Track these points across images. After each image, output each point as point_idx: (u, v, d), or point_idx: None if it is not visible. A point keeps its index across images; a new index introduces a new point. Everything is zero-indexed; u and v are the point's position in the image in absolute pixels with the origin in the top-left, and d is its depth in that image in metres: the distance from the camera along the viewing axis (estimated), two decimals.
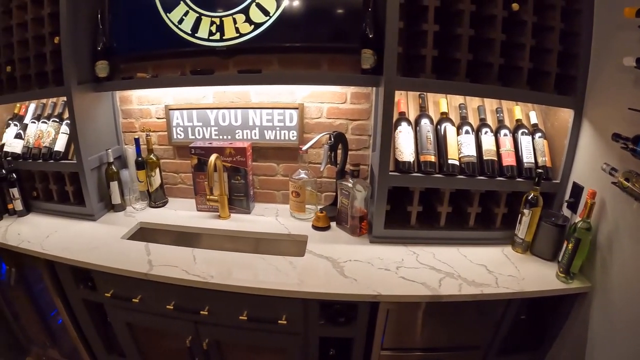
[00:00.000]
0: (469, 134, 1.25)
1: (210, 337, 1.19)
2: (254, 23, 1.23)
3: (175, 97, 1.52)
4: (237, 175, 1.39)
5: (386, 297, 1.04)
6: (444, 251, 1.22)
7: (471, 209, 1.25)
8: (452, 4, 1.14)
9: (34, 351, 1.72)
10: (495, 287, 1.08)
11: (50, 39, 1.35)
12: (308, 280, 1.07)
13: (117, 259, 1.18)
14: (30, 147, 1.47)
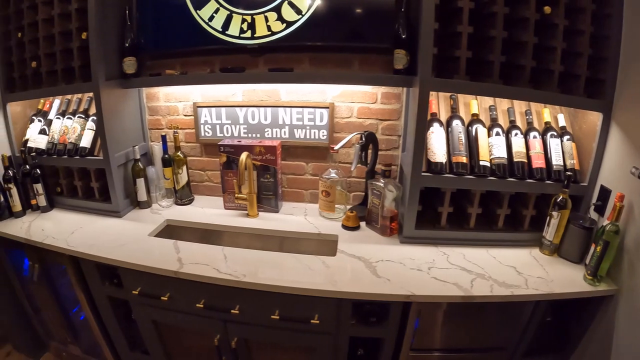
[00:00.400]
0: (499, 136, 1.23)
1: (239, 336, 1.17)
2: (285, 21, 1.21)
3: (203, 95, 1.49)
4: (267, 173, 1.37)
5: (420, 298, 1.03)
6: (473, 252, 1.21)
7: (500, 210, 1.23)
8: (485, 6, 1.14)
9: (54, 346, 1.70)
10: (525, 288, 1.07)
11: (77, 35, 1.32)
12: (342, 280, 1.05)
13: (145, 256, 1.16)
14: (55, 142, 1.45)
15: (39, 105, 1.58)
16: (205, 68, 1.37)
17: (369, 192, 1.24)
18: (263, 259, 1.14)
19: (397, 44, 1.19)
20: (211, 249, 1.18)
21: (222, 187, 1.44)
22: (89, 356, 1.58)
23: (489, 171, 1.20)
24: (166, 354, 1.34)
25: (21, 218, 1.48)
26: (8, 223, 1.46)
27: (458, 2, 1.11)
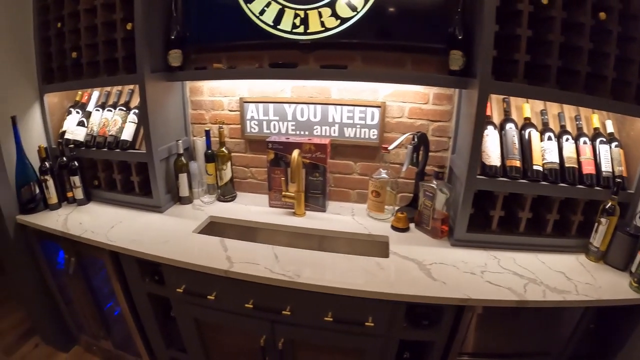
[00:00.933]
0: (551, 140, 1.20)
1: (287, 337, 1.13)
2: (340, 18, 1.16)
3: (250, 90, 1.44)
4: (316, 172, 1.32)
5: (476, 302, 0.99)
6: (523, 257, 1.17)
7: (550, 215, 1.20)
8: (544, 10, 1.10)
9: (84, 340, 1.65)
10: (575, 294, 1.03)
11: (122, 25, 1.27)
12: (398, 282, 1.01)
13: (192, 254, 1.12)
14: (94, 135, 1.40)
15: (77, 97, 1.53)
16: (253, 63, 1.31)
17: (420, 193, 1.21)
18: (315, 259, 1.10)
19: (453, 44, 1.15)
20: (260, 248, 1.14)
21: (269, 184, 1.40)
22: (120, 351, 1.54)
23: (541, 176, 1.18)
24: (205, 353, 1.30)
25: (57, 210, 1.44)
26: (43, 215, 1.42)
27: (518, 5, 1.08)
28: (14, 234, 1.45)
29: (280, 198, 1.37)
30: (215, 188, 1.48)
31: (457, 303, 1.00)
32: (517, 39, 1.09)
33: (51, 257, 1.49)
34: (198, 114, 1.54)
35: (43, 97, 1.48)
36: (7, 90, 1.39)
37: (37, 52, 1.47)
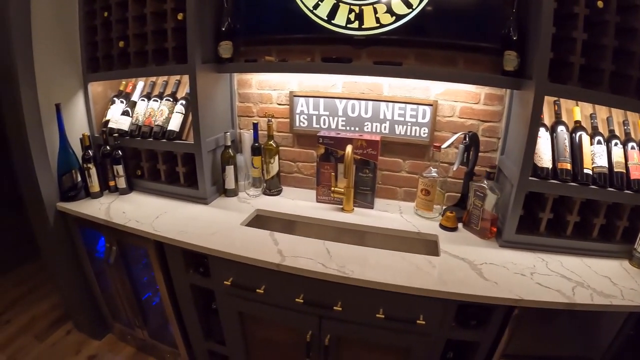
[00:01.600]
0: (601, 145, 1.17)
1: (334, 334, 1.10)
2: (395, 14, 1.13)
3: (300, 84, 1.42)
4: (366, 168, 1.30)
5: (527, 302, 0.97)
6: (569, 260, 1.15)
7: (597, 220, 1.17)
8: (599, 13, 1.08)
9: (118, 328, 1.64)
10: (621, 299, 1.01)
11: (172, 15, 1.25)
12: (451, 281, 0.98)
13: (242, 246, 1.09)
14: (139, 125, 1.38)
15: (121, 86, 1.51)
16: (304, 57, 1.29)
17: (470, 193, 1.18)
18: (367, 255, 1.08)
19: (507, 45, 1.12)
20: (312, 242, 1.12)
21: (317, 179, 1.37)
22: (155, 341, 1.52)
23: (591, 180, 1.15)
24: (245, 347, 1.28)
25: (98, 199, 1.42)
26: (85, 203, 1.40)
27: (574, 8, 1.06)
28: (54, 221, 1.43)
29: (329, 193, 1.35)
30: (261, 181, 1.46)
31: (510, 304, 0.98)
32: (573, 42, 1.07)
33: (90, 245, 1.48)
34: (245, 107, 1.51)
35: (87, 86, 1.46)
36: (51, 78, 1.37)
37: (82, 41, 1.44)
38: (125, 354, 1.64)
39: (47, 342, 1.72)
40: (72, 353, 1.65)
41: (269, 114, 1.44)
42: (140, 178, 1.47)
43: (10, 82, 1.28)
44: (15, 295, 2.06)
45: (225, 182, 1.40)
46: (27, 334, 1.78)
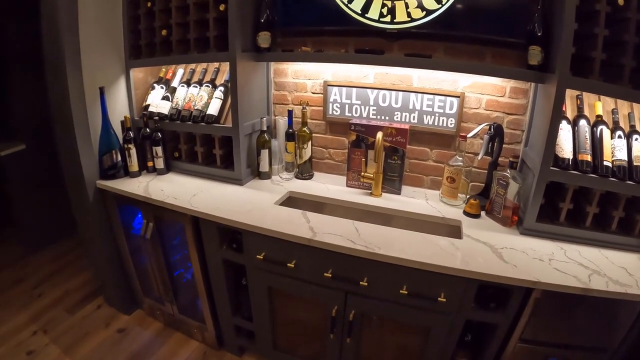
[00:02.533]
0: (621, 139, 1.26)
1: (358, 309, 1.24)
2: (425, 9, 1.26)
3: (334, 74, 1.56)
4: (395, 155, 1.43)
5: (544, 285, 1.07)
6: (587, 250, 1.25)
7: (616, 212, 1.27)
8: (620, 11, 1.17)
9: (147, 304, 1.82)
10: (637, 288, 1.11)
11: (215, 6, 1.41)
12: (472, 261, 1.10)
13: (275, 223, 1.24)
14: (179, 109, 1.55)
15: (161, 73, 1.69)
16: (338, 48, 1.44)
17: (493, 182, 1.30)
18: (393, 235, 1.21)
19: (532, 40, 1.23)
20: (341, 222, 1.25)
21: (348, 164, 1.52)
22: (183, 316, 1.69)
23: (610, 172, 1.25)
24: (271, 322, 1.43)
25: (137, 178, 1.60)
26: (124, 181, 1.57)
27: (596, 5, 1.16)
28: (93, 198, 1.61)
29: (359, 178, 1.49)
30: (293, 166, 1.61)
31: (528, 285, 1.09)
32: (595, 38, 1.17)
33: (127, 222, 1.65)
34: (281, 95, 1.68)
35: (129, 72, 1.64)
36: (96, 64, 1.55)
37: (126, 29, 1.62)
38: (153, 328, 1.81)
39: (78, 315, 1.91)
40: (101, 326, 1.83)
41: (303, 101, 1.58)
42: (177, 160, 1.65)
43: (58, 66, 1.46)
44: (50, 270, 2.29)
45: (260, 165, 1.56)
46: (58, 307, 1.97)
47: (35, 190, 2.42)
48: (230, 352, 1.68)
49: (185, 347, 1.71)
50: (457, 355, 1.30)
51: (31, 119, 2.34)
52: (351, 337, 1.29)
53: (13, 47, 2.19)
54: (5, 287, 2.13)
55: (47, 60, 1.54)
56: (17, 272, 2.27)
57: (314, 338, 1.43)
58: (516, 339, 1.25)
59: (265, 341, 1.51)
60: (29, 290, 2.11)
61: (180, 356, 1.67)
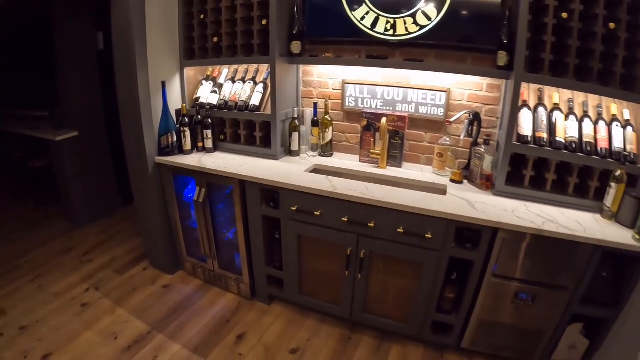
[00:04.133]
0: (573, 121, 1.97)
1: (367, 249, 1.96)
2: (419, 25, 2.02)
3: (350, 75, 2.38)
4: (397, 136, 2.21)
5: (505, 225, 1.75)
6: (547, 208, 1.92)
7: (571, 179, 1.95)
8: (565, 21, 1.90)
9: (189, 264, 2.59)
10: (583, 233, 1.75)
11: (258, 21, 2.20)
12: (452, 208, 1.81)
13: (306, 183, 1.99)
14: (226, 100, 2.35)
15: (208, 72, 2.51)
16: (353, 54, 2.24)
17: (472, 156, 2.03)
18: (393, 191, 1.94)
19: (500, 46, 1.97)
20: (355, 183, 2.01)
21: (360, 144, 2.32)
22: (223, 270, 2.45)
23: (562, 146, 1.94)
24: (299, 269, 2.17)
25: (190, 155, 2.39)
26: (180, 157, 2.36)
27: (544, 19, 1.89)
28: (152, 171, 2.39)
29: (368, 155, 2.27)
30: (317, 147, 2.42)
31: (493, 226, 1.78)
32: (544, 43, 1.89)
33: (179, 192, 2.43)
34: (307, 91, 2.50)
35: (183, 70, 2.47)
36: (158, 63, 2.35)
37: (181, 36, 2.45)
38: (194, 285, 2.59)
39: (126, 275, 2.70)
40: (148, 283, 2.61)
41: (325, 96, 2.39)
42: (223, 141, 2.45)
43: (130, 65, 2.26)
44: (96, 241, 3.14)
45: (291, 145, 2.37)
46: (107, 269, 2.78)
47: (84, 171, 3.33)
48: (261, 302, 2.44)
49: (222, 299, 2.47)
50: (446, 291, 2.00)
51: (82, 111, 3.26)
52: (362, 273, 2.01)
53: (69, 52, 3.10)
54: (56, 254, 2.98)
55: (117, 61, 2.35)
56: (65, 242, 3.14)
57: (332, 284, 2.16)
58: (490, 275, 1.93)
59: (292, 287, 2.26)
60: (78, 257, 2.94)
61: (218, 305, 2.42)
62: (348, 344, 2.16)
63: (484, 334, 2.01)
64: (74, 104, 3.23)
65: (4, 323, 2.28)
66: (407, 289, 2.03)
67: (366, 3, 2.06)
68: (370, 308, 2.13)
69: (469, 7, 1.96)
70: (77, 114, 3.25)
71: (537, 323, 1.93)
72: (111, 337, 2.17)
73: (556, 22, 1.84)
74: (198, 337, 2.18)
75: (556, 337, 1.94)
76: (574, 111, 1.99)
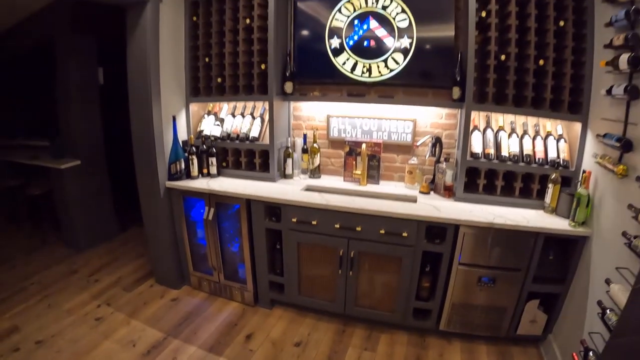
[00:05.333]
0: (515, 138, 2.83)
1: (356, 249, 2.69)
2: (389, 68, 2.87)
3: (334, 109, 3.21)
4: (374, 159, 3.01)
5: (464, 222, 2.53)
6: (499, 208, 2.73)
7: (516, 184, 2.78)
8: (504, 62, 2.79)
9: (195, 277, 3.23)
10: (527, 224, 2.54)
11: (258, 65, 2.99)
12: (422, 212, 2.59)
13: (303, 199, 2.73)
14: (229, 132, 3.11)
15: (209, 107, 3.28)
16: (336, 93, 3.07)
17: (436, 172, 2.85)
18: (374, 202, 2.72)
19: (454, 83, 2.83)
20: (342, 197, 2.78)
21: (344, 166, 3.12)
22: (228, 281, 3.10)
23: (507, 159, 2.78)
24: (298, 273, 2.87)
25: (197, 180, 3.09)
26: (188, 182, 3.07)
27: (487, 61, 2.77)
28: (163, 195, 3.07)
29: (352, 175, 3.07)
30: (307, 170, 3.20)
31: (455, 222, 2.55)
32: (488, 80, 2.77)
33: (187, 213, 3.11)
34: (297, 124, 3.32)
35: (189, 105, 3.23)
36: (167, 99, 3.09)
37: (187, 75, 3.22)
38: (200, 297, 3.24)
39: (134, 292, 3.32)
40: (157, 297, 3.24)
41: (313, 127, 3.20)
42: (225, 168, 3.19)
43: (146, 100, 2.98)
44: (100, 263, 3.79)
45: (286, 169, 3.15)
46: (116, 287, 3.39)
47: (85, 198, 3.99)
48: (263, 307, 3.12)
49: (228, 306, 3.13)
50: (422, 281, 2.73)
51: (84, 141, 3.96)
52: (352, 271, 2.73)
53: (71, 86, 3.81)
54: (61, 276, 3.58)
55: (132, 97, 3.06)
56: (69, 265, 3.75)
57: (327, 284, 2.87)
58: (457, 264, 2.69)
59: (292, 289, 2.95)
60: (84, 278, 3.54)
61: (225, 312, 3.07)
62: (343, 335, 2.85)
63: (457, 316, 2.75)
64: (75, 134, 3.93)
65: (19, 339, 2.79)
66: (390, 282, 2.76)
67: (347, 51, 2.92)
68: (360, 302, 2.85)
69: (428, 53, 2.84)
70: (78, 144, 3.94)
71: (500, 301, 2.68)
72: (130, 345, 2.76)
73: (497, 63, 2.70)
74: (211, 339, 2.81)
75: (518, 313, 2.69)
76: (516, 130, 2.85)
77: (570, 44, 2.54)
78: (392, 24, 2.82)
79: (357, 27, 2.89)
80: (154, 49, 2.89)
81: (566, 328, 2.54)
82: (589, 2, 2.44)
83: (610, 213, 2.22)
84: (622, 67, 2.03)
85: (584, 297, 2.35)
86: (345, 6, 2.89)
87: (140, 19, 2.84)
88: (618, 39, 2.08)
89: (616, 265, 1.96)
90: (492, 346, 2.80)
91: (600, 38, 2.38)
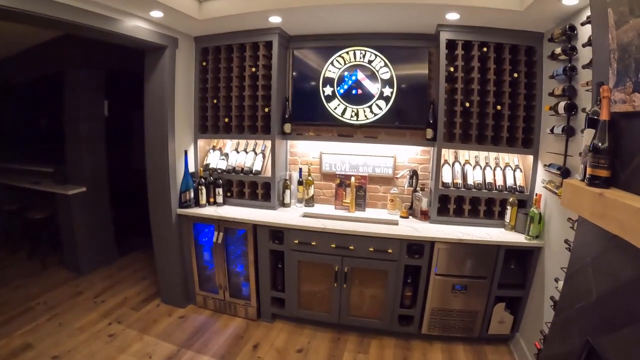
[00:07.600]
0: (479, 170, 4.13)
1: (349, 265, 3.86)
2: (374, 113, 4.15)
3: (326, 147, 4.47)
4: (361, 190, 4.26)
5: (439, 239, 3.76)
6: (467, 228, 3.97)
7: (480, 207, 4.05)
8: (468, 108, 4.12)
9: (200, 296, 4.28)
10: (490, 239, 3.81)
11: (262, 108, 4.20)
12: (402, 232, 3.80)
13: (303, 223, 3.90)
14: (233, 166, 4.29)
15: (214, 143, 4.46)
16: (328, 133, 4.33)
17: (413, 199, 4.11)
18: (363, 225, 3.93)
19: (428, 125, 4.13)
20: (336, 222, 3.96)
21: (335, 196, 4.35)
22: (233, 298, 4.16)
23: (472, 187, 4.07)
24: (298, 289, 4.00)
25: (204, 208, 4.21)
26: (197, 209, 4.19)
27: (455, 107, 4.10)
28: (175, 221, 4.15)
29: (342, 204, 4.32)
30: (302, 200, 4.41)
31: (431, 239, 3.78)
32: (455, 123, 4.10)
33: (195, 237, 4.19)
34: (293, 159, 4.58)
35: (197, 141, 4.39)
36: (181, 134, 4.23)
37: (196, 114, 4.39)
38: (205, 314, 4.30)
39: (142, 311, 4.33)
40: (165, 315, 4.26)
41: (308, 162, 4.46)
42: (229, 197, 4.35)
43: (162, 136, 4.11)
44: (104, 285, 4.84)
45: (284, 199, 4.36)
46: (123, 307, 4.38)
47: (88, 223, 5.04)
48: (265, 321, 4.21)
49: (233, 322, 4.19)
50: (405, 291, 3.92)
51: (89, 169, 5.06)
52: (346, 284, 3.88)
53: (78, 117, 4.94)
54: (67, 297, 4.54)
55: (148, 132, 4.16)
56: (74, 287, 4.74)
57: (323, 297, 4.02)
58: (433, 275, 3.90)
59: (292, 303, 4.06)
60: (91, 299, 4.52)
61: (230, 327, 4.12)
62: (339, 342, 3.97)
63: (436, 320, 3.93)
64: (81, 162, 5.01)
65: (34, 355, 3.60)
66: (378, 294, 3.93)
67: (338, 98, 4.20)
68: (353, 312, 3.99)
69: (407, 101, 4.15)
70: (83, 172, 5.03)
71: (472, 306, 3.86)
72: (146, 357, 3.73)
73: (462, 109, 4.02)
74: (221, 349, 3.84)
75: (487, 315, 3.87)
76: (479, 163, 4.16)
77: (522, 91, 3.86)
78: (376, 76, 4.14)
79: (347, 77, 4.19)
80: (171, 88, 4.06)
81: (529, 325, 3.74)
82: (538, 57, 3.73)
83: (556, 227, 3.44)
84: (560, 112, 3.20)
85: (541, 296, 3.54)
86: (337, 59, 4.19)
87: (159, 61, 4.02)
88: (558, 89, 3.27)
89: (561, 266, 3.04)
90: (468, 346, 3.98)
91: (546, 87, 3.65)
